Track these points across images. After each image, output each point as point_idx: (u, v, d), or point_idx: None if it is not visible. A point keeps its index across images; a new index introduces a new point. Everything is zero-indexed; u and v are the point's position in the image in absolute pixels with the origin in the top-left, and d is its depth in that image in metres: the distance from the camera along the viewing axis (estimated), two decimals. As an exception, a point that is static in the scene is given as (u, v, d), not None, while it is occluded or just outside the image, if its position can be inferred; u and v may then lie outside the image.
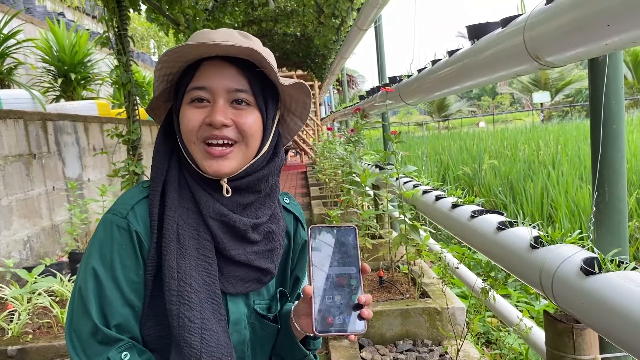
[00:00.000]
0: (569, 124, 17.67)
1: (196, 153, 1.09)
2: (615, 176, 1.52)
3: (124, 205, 1.08)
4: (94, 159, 6.47)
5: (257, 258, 1.14)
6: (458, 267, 2.79)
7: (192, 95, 1.08)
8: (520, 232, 1.85)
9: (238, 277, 1.12)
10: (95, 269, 1.04)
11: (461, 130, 23.85)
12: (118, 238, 1.05)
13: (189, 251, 1.06)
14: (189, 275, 1.04)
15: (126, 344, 1.02)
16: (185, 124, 1.09)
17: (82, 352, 1.01)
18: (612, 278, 1.29)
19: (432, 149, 14.71)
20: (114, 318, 1.03)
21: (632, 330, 1.16)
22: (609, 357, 1.57)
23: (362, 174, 3.91)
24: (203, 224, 1.09)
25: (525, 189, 7.23)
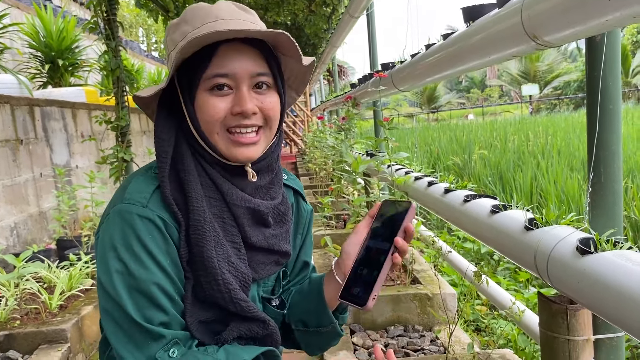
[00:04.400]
0: (557, 116, 17.79)
1: (220, 142, 1.05)
2: (611, 157, 1.51)
3: (140, 194, 1.00)
4: (82, 146, 6.40)
5: (277, 242, 1.14)
6: (451, 252, 2.79)
7: (212, 82, 1.02)
8: (514, 215, 1.85)
9: (259, 262, 1.12)
10: (127, 265, 0.95)
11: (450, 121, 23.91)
12: (143, 228, 0.97)
13: (222, 240, 1.03)
14: (228, 262, 1.03)
15: (172, 340, 0.97)
16: (208, 113, 1.03)
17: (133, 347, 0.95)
18: (609, 257, 1.28)
19: (422, 140, 14.74)
20: (154, 314, 0.96)
21: (629, 308, 1.16)
22: (602, 338, 1.57)
23: (354, 161, 3.89)
24: (228, 211, 1.06)
25: (515, 179, 7.27)
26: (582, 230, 1.51)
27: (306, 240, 1.31)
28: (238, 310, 1.04)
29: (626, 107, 19.14)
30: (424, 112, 38.58)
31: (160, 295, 0.96)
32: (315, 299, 1.21)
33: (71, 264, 3.83)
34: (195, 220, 1.00)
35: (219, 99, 1.03)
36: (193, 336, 1.02)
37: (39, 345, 2.90)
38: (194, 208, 1.01)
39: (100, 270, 0.98)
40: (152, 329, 0.95)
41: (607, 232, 1.45)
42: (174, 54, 1.01)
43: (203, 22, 1.02)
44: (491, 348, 2.76)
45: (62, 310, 3.23)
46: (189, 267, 1.02)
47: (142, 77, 13.71)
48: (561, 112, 25.29)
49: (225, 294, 1.02)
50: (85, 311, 3.17)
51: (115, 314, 0.96)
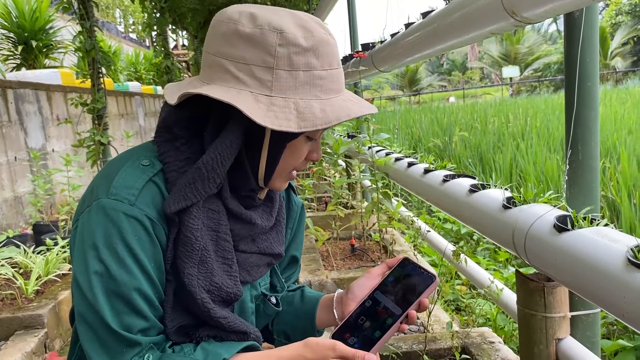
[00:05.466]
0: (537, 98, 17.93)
1: (279, 179, 1.05)
2: (588, 135, 1.51)
3: (128, 190, 0.93)
4: (58, 129, 6.27)
5: (270, 245, 1.13)
6: (430, 231, 2.79)
7: (314, 133, 1.01)
8: (492, 194, 1.85)
9: (252, 264, 1.10)
10: (108, 267, 0.89)
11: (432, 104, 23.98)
12: (129, 228, 0.91)
13: (208, 259, 0.99)
14: (210, 282, 0.99)
15: (147, 346, 0.93)
16: (296, 158, 1.02)
17: (107, 356, 0.90)
18: (585, 234, 1.29)
19: (403, 123, 14.76)
20: (134, 321, 0.91)
21: (604, 285, 1.16)
22: (578, 315, 1.58)
23: (335, 143, 3.87)
24: (225, 225, 1.02)
25: (495, 160, 7.32)
26: (560, 208, 1.52)
27: (296, 234, 1.29)
28: (218, 326, 1.02)
29: (604, 89, 19.36)
30: (406, 95, 38.61)
31: (141, 301, 0.91)
32: (306, 319, 1.22)
33: (48, 248, 3.77)
34: (186, 237, 0.95)
35: (307, 145, 1.02)
36: (169, 338, 0.99)
37: (15, 331, 2.85)
38: (188, 225, 0.95)
39: (77, 269, 0.91)
40: (129, 337, 0.89)
41: (584, 209, 1.45)
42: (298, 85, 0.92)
43: (330, 65, 0.95)
44: (471, 327, 2.78)
45: (39, 296, 3.18)
46: (171, 270, 0.97)
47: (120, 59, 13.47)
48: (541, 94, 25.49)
49: (204, 312, 0.98)
50: (62, 296, 3.13)
51: (90, 319, 0.90)
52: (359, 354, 0.94)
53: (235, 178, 1.01)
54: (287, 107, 0.91)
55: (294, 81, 0.92)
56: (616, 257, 1.14)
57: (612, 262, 1.14)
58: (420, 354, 2.15)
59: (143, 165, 0.97)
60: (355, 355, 0.94)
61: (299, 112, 0.90)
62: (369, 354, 0.95)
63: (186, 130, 0.99)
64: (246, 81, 0.92)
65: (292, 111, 0.90)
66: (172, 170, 0.96)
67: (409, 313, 1.01)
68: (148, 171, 0.96)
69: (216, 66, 0.94)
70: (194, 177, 0.93)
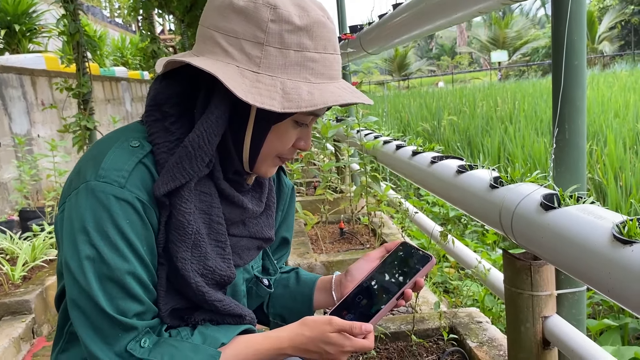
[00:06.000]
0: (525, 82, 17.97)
1: (265, 164, 1.02)
2: (575, 113, 1.51)
3: (118, 172, 0.89)
4: (43, 114, 6.19)
5: (260, 229, 1.12)
6: (417, 212, 2.80)
7: (304, 119, 0.98)
8: (480, 174, 1.85)
9: (243, 247, 1.09)
10: (100, 251, 0.87)
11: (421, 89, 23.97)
12: (120, 211, 0.88)
13: (202, 242, 0.97)
14: (204, 266, 0.97)
15: (144, 329, 0.91)
16: (282, 143, 0.99)
17: (103, 342, 0.88)
18: (571, 211, 1.29)
19: (392, 107, 14.74)
20: (129, 306, 0.89)
21: (590, 261, 1.17)
22: (564, 293, 1.60)
23: (323, 126, 3.86)
24: (217, 207, 1.00)
25: (483, 144, 7.34)
26: (547, 187, 1.52)
27: (287, 216, 1.28)
28: (212, 309, 1.01)
29: (592, 73, 19.44)
30: (395, 80, 38.54)
31: (136, 285, 0.89)
32: (302, 301, 1.21)
33: (34, 234, 3.74)
34: (178, 221, 0.93)
35: (295, 131, 0.99)
36: (163, 321, 0.97)
37: (2, 317, 2.83)
38: (180, 208, 0.93)
39: (68, 254, 0.89)
40: (125, 321, 0.88)
41: (570, 188, 1.46)
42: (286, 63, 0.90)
43: (325, 49, 0.93)
44: (458, 308, 2.81)
45: (26, 282, 3.16)
46: (164, 253, 0.95)
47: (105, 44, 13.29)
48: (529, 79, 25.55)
49: (199, 295, 0.97)
50: (49, 282, 3.11)
51: (84, 304, 0.87)
52: (356, 325, 0.95)
53: (221, 159, 0.99)
54: (273, 86, 0.89)
55: (284, 60, 0.90)
56: (602, 233, 1.14)
57: (597, 238, 1.15)
58: (408, 334, 2.16)
59: (132, 146, 0.94)
60: (352, 326, 0.95)
61: (285, 92, 0.88)
62: (366, 324, 0.96)
63: (176, 107, 0.97)
64: (235, 55, 0.90)
65: (278, 90, 0.88)
66: (162, 151, 0.94)
67: (405, 291, 1.02)
68: (138, 153, 0.93)
69: (208, 39, 0.93)
70: (182, 157, 0.91)
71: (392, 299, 1.00)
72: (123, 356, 0.88)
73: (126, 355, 0.88)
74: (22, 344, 2.68)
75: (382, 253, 1.14)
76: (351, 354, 1.00)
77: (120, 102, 10.03)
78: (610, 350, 2.60)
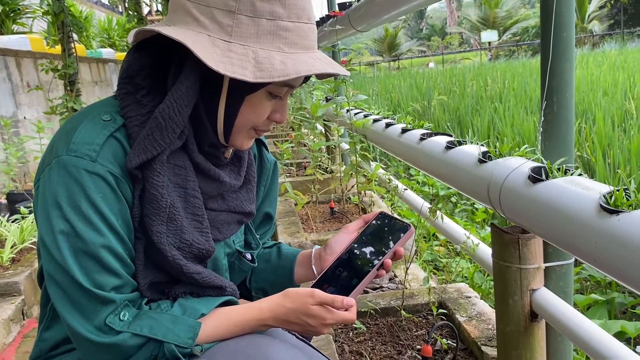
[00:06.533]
0: (515, 62, 17.96)
1: (239, 136, 1.00)
2: (564, 86, 1.50)
3: (89, 145, 0.88)
4: (29, 96, 6.11)
5: (240, 204, 1.11)
6: (406, 190, 2.80)
7: (278, 91, 0.96)
8: (468, 150, 1.85)
9: (223, 222, 1.08)
10: (73, 226, 0.86)
11: (411, 69, 23.89)
12: (92, 185, 0.87)
13: (177, 216, 0.96)
14: (180, 239, 0.96)
15: (122, 303, 0.91)
16: (256, 115, 0.97)
17: (82, 316, 0.88)
18: (559, 183, 1.29)
19: (383, 88, 14.70)
20: (106, 279, 0.88)
21: (577, 231, 1.17)
22: (552, 265, 1.61)
23: (312, 105, 3.83)
24: (193, 181, 0.98)
25: (473, 123, 7.35)
26: (535, 160, 1.52)
27: (269, 192, 1.27)
28: (192, 282, 1.00)
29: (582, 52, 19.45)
30: (385, 61, 38.38)
31: (111, 259, 0.89)
32: (284, 275, 1.21)
33: (23, 217, 3.71)
34: (151, 195, 0.92)
35: (269, 103, 0.97)
36: (143, 295, 0.96)
37: (-9, 299, 2.82)
38: (153, 182, 0.91)
39: (42, 229, 0.89)
40: (103, 295, 0.87)
41: (558, 160, 1.46)
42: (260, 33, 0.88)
43: (298, 18, 0.91)
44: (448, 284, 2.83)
45: (15, 264, 3.14)
46: (140, 227, 0.94)
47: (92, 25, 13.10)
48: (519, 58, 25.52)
49: (176, 268, 0.96)
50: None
51: (60, 279, 0.87)
52: (337, 298, 0.95)
53: (195, 130, 0.98)
54: (245, 55, 0.87)
55: (256, 29, 0.88)
56: (589, 204, 1.15)
57: (584, 209, 1.15)
58: (398, 309, 2.18)
59: (104, 120, 0.93)
60: (334, 299, 0.95)
61: (257, 61, 0.87)
62: (347, 297, 0.96)
63: (148, 79, 0.95)
64: (206, 24, 0.88)
65: (249, 60, 0.87)
66: (134, 125, 0.93)
67: (385, 261, 1.02)
68: (109, 126, 0.92)
69: (179, 8, 0.91)
70: (152, 128, 0.90)
71: (372, 269, 1.01)
72: (102, 329, 0.88)
73: (106, 329, 0.88)
74: (12, 326, 2.68)
75: (360, 224, 1.14)
76: (334, 327, 1.00)
77: (107, 84, 9.91)
78: (597, 324, 2.63)
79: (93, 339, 0.87)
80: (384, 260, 1.02)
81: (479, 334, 1.94)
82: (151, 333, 0.90)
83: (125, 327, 0.89)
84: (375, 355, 1.97)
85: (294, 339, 1.20)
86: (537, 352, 1.64)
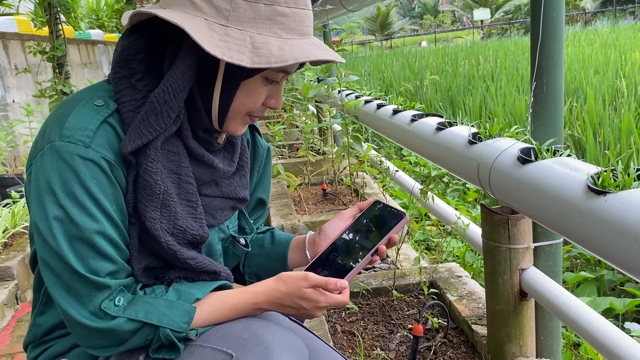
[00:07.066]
0: (507, 40, 17.89)
1: (234, 122, 1.00)
2: (553, 67, 1.51)
3: (82, 131, 0.88)
4: (17, 79, 6.04)
5: (234, 189, 1.11)
6: (397, 171, 2.81)
7: (274, 76, 0.95)
8: (458, 131, 1.85)
9: (217, 207, 1.08)
10: (68, 212, 0.86)
11: (404, 49, 23.76)
12: (86, 171, 0.87)
13: (171, 202, 0.96)
14: (174, 225, 0.96)
15: (117, 288, 0.91)
16: (252, 100, 0.97)
17: (77, 302, 0.88)
18: (548, 164, 1.30)
19: (375, 68, 14.63)
20: (101, 265, 0.89)
21: (565, 212, 1.18)
22: (541, 245, 1.63)
23: (304, 86, 3.81)
24: (187, 167, 0.98)
25: (465, 103, 7.34)
26: (524, 141, 1.53)
27: (263, 177, 1.27)
28: (186, 267, 1.00)
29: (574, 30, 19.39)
30: (377, 40, 38.12)
31: (106, 245, 0.89)
32: (277, 261, 1.22)
33: (14, 201, 3.70)
34: (145, 181, 0.92)
35: (265, 88, 0.97)
36: (138, 280, 0.97)
37: (-16, 283, 2.82)
38: (147, 168, 0.91)
39: (36, 215, 0.88)
40: (98, 280, 0.87)
41: (548, 141, 1.47)
42: None
43: (296, 4, 0.90)
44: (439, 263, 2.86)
45: (7, 248, 3.14)
46: (134, 213, 0.94)
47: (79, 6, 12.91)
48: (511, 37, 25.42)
49: (170, 254, 0.97)
50: (31, 248, 3.09)
51: (55, 265, 0.87)
52: (331, 281, 0.97)
53: (189, 115, 0.97)
54: (242, 40, 0.87)
55: (254, 14, 0.88)
56: (577, 185, 1.16)
57: (572, 190, 1.16)
58: (389, 289, 2.20)
59: (97, 105, 0.92)
60: (328, 282, 0.96)
61: (254, 47, 0.87)
62: (341, 280, 0.98)
63: (144, 63, 0.94)
64: (203, 8, 0.88)
65: (247, 45, 0.86)
66: (128, 110, 0.92)
67: (379, 247, 1.04)
68: (102, 112, 0.91)
69: None
70: (148, 113, 0.90)
71: (367, 255, 1.02)
72: (98, 314, 0.88)
73: (101, 314, 0.88)
74: (6, 310, 2.69)
75: (355, 212, 1.15)
76: (327, 309, 1.01)
77: (97, 65, 9.80)
78: (586, 301, 2.67)
79: (88, 324, 0.88)
80: (379, 247, 1.03)
81: (469, 312, 1.96)
82: (146, 318, 0.90)
83: (120, 312, 0.89)
84: (367, 335, 1.99)
85: (288, 321, 1.22)
86: (527, 330, 1.67)
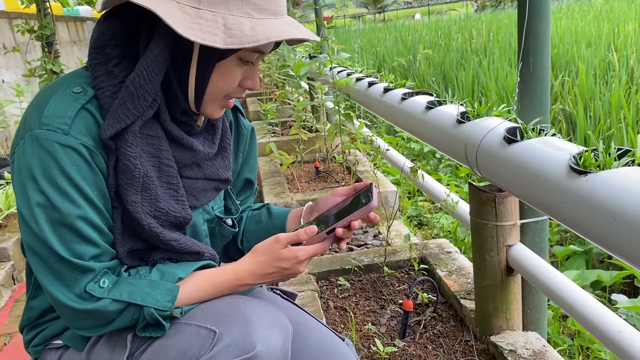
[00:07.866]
0: (501, 13, 17.74)
1: (211, 105, 1.01)
2: (540, 46, 1.52)
3: (60, 118, 0.89)
4: (6, 59, 5.97)
5: (216, 171, 1.12)
6: (388, 150, 2.83)
7: (249, 56, 0.97)
8: (448, 110, 1.87)
9: (199, 189, 1.10)
10: (49, 198, 0.88)
11: (397, 22, 23.53)
12: (65, 158, 0.89)
13: (152, 185, 0.98)
14: (155, 208, 0.99)
15: (102, 271, 0.93)
16: (227, 82, 0.98)
17: (62, 285, 0.91)
18: (532, 144, 1.33)
19: (368, 42, 14.52)
20: (84, 249, 0.91)
21: (548, 191, 1.21)
22: (527, 222, 1.66)
23: (295, 64, 3.80)
24: (166, 150, 1.00)
25: (458, 77, 7.33)
26: (511, 120, 1.55)
27: (248, 158, 1.29)
28: (170, 249, 1.03)
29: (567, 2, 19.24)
30: (370, 13, 37.72)
31: (88, 229, 0.91)
32: (276, 233, 1.24)
33: (7, 182, 3.70)
34: (124, 165, 0.94)
35: (240, 69, 0.98)
36: (122, 262, 1.00)
37: (-21, 264, 2.84)
38: (126, 152, 0.93)
39: (20, 202, 0.91)
40: (82, 264, 0.91)
41: (534, 120, 1.49)
42: None
43: (279, 16, 0.92)
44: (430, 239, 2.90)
45: (2, 229, 3.15)
46: (116, 197, 0.97)
47: (67, -18, 12.67)
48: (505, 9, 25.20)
49: (153, 236, 0.99)
50: (26, 229, 3.11)
51: (40, 250, 0.90)
52: (300, 231, 1.02)
53: (167, 99, 0.99)
54: (215, 22, 0.88)
55: None
56: (559, 164, 1.18)
57: (555, 169, 1.19)
58: (380, 265, 2.24)
59: (74, 92, 0.94)
60: (297, 233, 1.02)
61: (227, 27, 0.88)
62: (309, 226, 1.03)
63: (119, 48, 0.96)
64: None
65: (219, 26, 0.88)
66: (106, 96, 0.94)
67: (337, 230, 1.05)
68: (80, 99, 0.93)
69: None
70: (124, 98, 0.92)
71: (322, 233, 1.04)
72: (83, 297, 0.91)
73: (86, 296, 0.91)
74: (3, 290, 2.72)
75: (349, 191, 1.17)
76: (307, 263, 1.05)
77: (87, 43, 9.63)
78: (574, 274, 2.73)
79: (75, 306, 0.91)
80: (336, 229, 1.04)
81: (458, 287, 2.01)
82: (130, 298, 0.93)
83: (105, 294, 0.92)
84: (359, 310, 2.04)
85: (279, 299, 1.25)
86: (513, 305, 1.72)
